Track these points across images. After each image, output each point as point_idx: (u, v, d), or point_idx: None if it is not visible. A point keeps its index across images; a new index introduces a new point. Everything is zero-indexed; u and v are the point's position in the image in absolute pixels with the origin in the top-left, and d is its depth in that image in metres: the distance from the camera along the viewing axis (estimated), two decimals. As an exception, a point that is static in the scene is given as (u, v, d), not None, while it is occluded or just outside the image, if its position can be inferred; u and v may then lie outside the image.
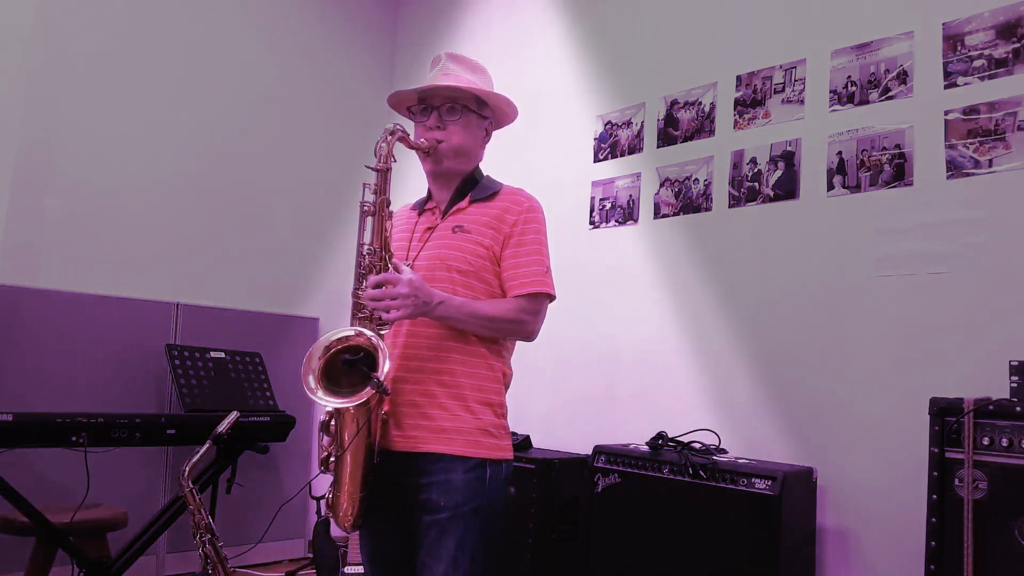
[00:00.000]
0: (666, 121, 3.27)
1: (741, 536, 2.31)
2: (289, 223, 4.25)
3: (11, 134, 3.37)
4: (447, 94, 1.72)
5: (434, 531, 1.57)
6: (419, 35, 4.66)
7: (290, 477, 4.06)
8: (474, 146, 1.77)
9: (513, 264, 1.67)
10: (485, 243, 1.67)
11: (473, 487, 1.58)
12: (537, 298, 1.67)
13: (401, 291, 1.51)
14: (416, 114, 1.77)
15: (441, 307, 1.57)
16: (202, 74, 3.94)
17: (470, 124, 1.74)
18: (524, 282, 1.65)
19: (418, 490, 1.59)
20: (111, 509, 2.84)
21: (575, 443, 3.20)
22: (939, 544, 1.91)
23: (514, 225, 1.69)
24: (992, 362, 2.16)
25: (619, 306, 3.34)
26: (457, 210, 1.73)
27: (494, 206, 1.71)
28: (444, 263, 1.66)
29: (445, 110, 1.72)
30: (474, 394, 1.63)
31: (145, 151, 3.73)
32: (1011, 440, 1.84)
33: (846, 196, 2.67)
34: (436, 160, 1.72)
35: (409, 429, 1.60)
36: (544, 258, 1.70)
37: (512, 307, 1.65)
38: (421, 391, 1.61)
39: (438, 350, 1.63)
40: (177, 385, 3.18)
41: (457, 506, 1.56)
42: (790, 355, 2.75)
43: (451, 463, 1.58)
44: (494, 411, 1.66)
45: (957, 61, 2.45)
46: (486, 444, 1.62)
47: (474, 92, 1.74)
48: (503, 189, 1.76)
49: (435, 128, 1.71)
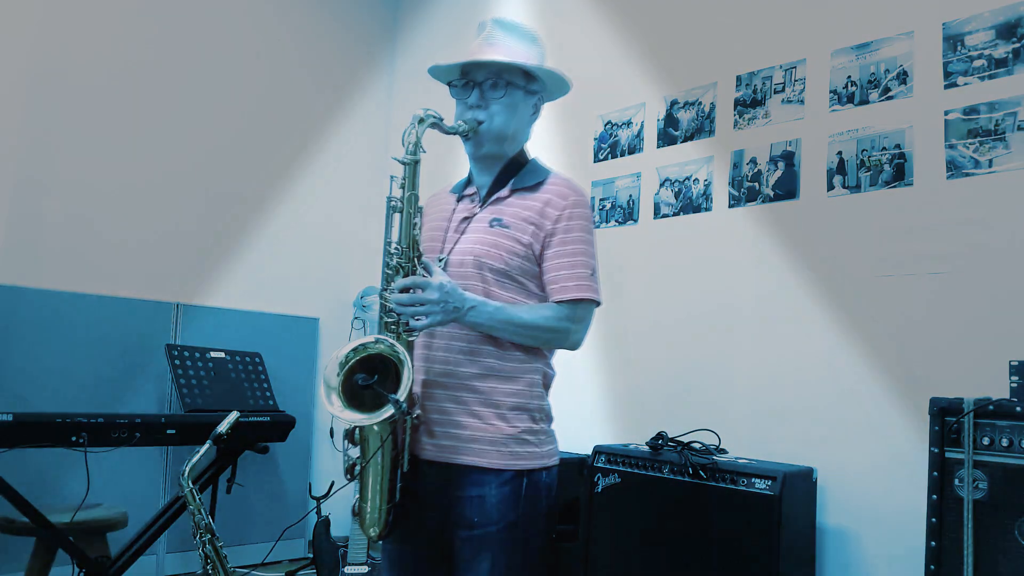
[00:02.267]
0: (666, 121, 3.27)
1: (741, 536, 2.31)
2: (289, 223, 4.25)
3: (11, 134, 3.37)
4: (491, 68, 1.56)
5: (469, 548, 1.48)
6: (420, 35, 4.66)
7: (290, 477, 4.06)
8: (519, 127, 1.61)
9: (556, 266, 1.54)
10: (524, 240, 1.53)
11: (507, 502, 1.48)
12: (581, 305, 1.54)
13: (431, 297, 1.40)
14: (458, 88, 1.61)
15: (473, 312, 1.46)
16: (202, 74, 3.94)
17: (516, 102, 1.58)
18: (567, 286, 1.52)
19: (452, 505, 1.50)
20: (111, 509, 2.84)
21: (575, 443, 3.20)
22: (939, 544, 1.91)
23: (557, 221, 1.54)
24: (992, 362, 2.16)
25: (619, 306, 3.34)
26: (497, 199, 1.59)
27: (538, 198, 1.56)
28: (477, 260, 1.52)
29: (488, 86, 1.56)
30: (509, 399, 1.52)
31: (145, 151, 3.73)
32: (1011, 440, 1.84)
33: (846, 196, 2.67)
34: (477, 143, 1.58)
35: (440, 438, 1.50)
36: (590, 259, 1.56)
37: (552, 315, 1.52)
38: (452, 397, 1.51)
39: (470, 353, 1.51)
40: (177, 385, 3.18)
41: (491, 523, 1.47)
42: (790, 355, 2.75)
43: (484, 476, 1.48)
44: (531, 416, 1.55)
45: (957, 61, 2.45)
46: (522, 454, 1.51)
47: (521, 66, 1.56)
48: (550, 178, 1.61)
49: (476, 107, 1.56)
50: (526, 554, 1.51)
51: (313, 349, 4.22)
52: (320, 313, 4.27)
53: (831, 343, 2.64)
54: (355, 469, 1.48)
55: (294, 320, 4.16)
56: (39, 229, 3.43)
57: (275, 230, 4.19)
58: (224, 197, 4.00)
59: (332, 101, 4.48)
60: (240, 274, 4.04)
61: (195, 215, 3.89)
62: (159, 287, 3.72)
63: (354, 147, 4.53)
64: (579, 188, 1.61)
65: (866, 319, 2.57)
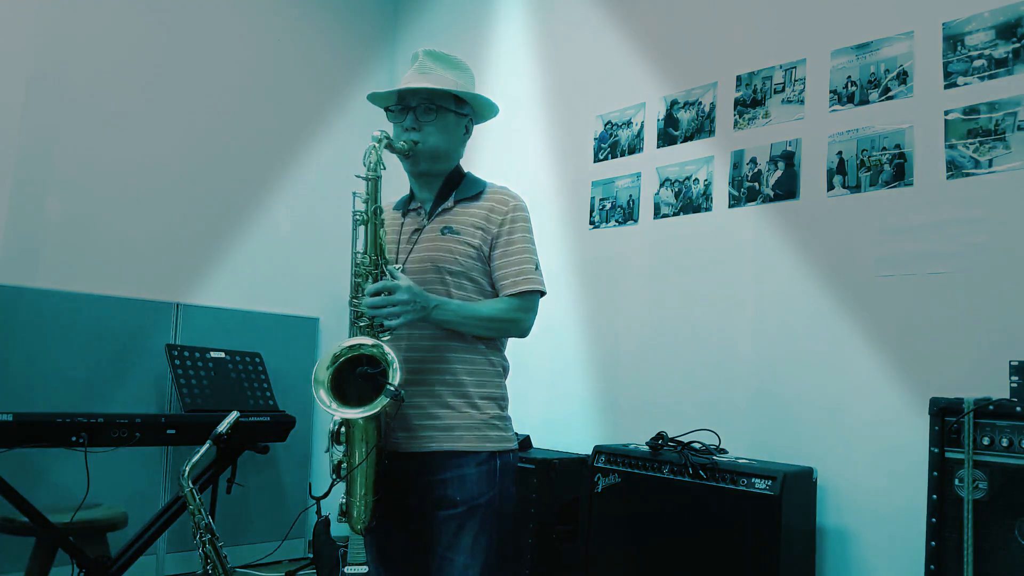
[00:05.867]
0: (666, 121, 3.27)
1: (741, 536, 2.31)
2: (289, 223, 4.25)
3: (11, 135, 3.37)
4: (423, 94, 1.71)
5: (452, 525, 1.61)
6: (421, 30, 4.66)
7: (290, 477, 4.06)
8: (452, 146, 1.77)
9: (504, 264, 1.71)
10: (474, 243, 1.70)
11: (485, 480, 1.64)
12: (529, 296, 1.71)
13: (401, 298, 1.54)
14: (395, 113, 1.76)
15: (438, 310, 1.60)
16: (202, 74, 3.94)
17: (447, 124, 1.73)
18: (515, 280, 1.69)
19: (432, 488, 1.63)
20: (111, 509, 2.84)
21: (575, 443, 3.21)
22: (939, 544, 1.91)
23: (501, 225, 1.72)
24: (992, 362, 2.16)
25: (619, 306, 3.34)
26: (444, 210, 1.74)
27: (481, 206, 1.74)
28: (435, 265, 1.68)
29: (422, 111, 1.71)
30: (477, 390, 1.67)
31: (145, 151, 3.73)
32: (1011, 440, 1.84)
33: (846, 196, 2.67)
34: (414, 161, 1.72)
35: (418, 430, 1.64)
36: (532, 255, 1.74)
37: (506, 306, 1.69)
38: (426, 392, 1.64)
39: (439, 350, 1.66)
40: (177, 385, 3.18)
41: (472, 499, 1.62)
42: (790, 355, 2.75)
43: (463, 459, 1.63)
44: (498, 404, 1.71)
45: (957, 61, 2.45)
46: (494, 437, 1.67)
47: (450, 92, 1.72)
48: (487, 187, 1.78)
49: (412, 129, 1.71)
50: (502, 527, 1.67)
51: (313, 349, 4.22)
52: (320, 313, 4.27)
53: (831, 343, 2.64)
54: (341, 468, 1.59)
55: (294, 320, 4.16)
56: (39, 229, 3.43)
57: (275, 230, 4.19)
58: (224, 197, 4.00)
59: (332, 100, 4.48)
60: (240, 274, 4.03)
61: (195, 215, 3.89)
62: (159, 287, 3.72)
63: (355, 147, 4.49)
64: (516, 194, 1.78)
65: (866, 319, 2.57)
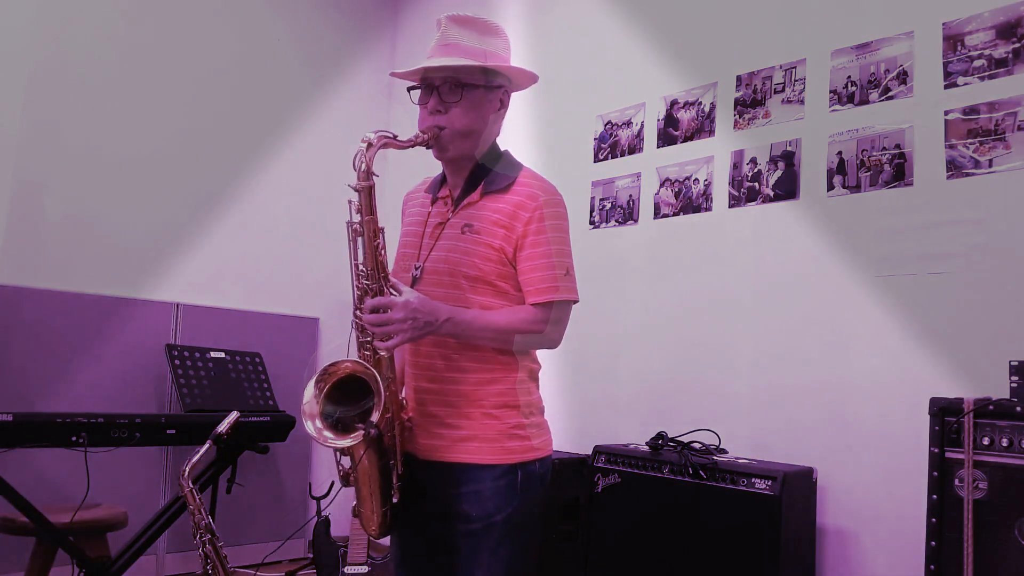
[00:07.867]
0: (666, 121, 3.27)
1: (741, 536, 2.31)
2: (289, 223, 4.25)
3: (11, 134, 3.37)
4: (446, 71, 1.53)
5: (470, 541, 1.53)
6: (421, 24, 4.65)
7: (290, 477, 4.06)
8: (482, 125, 1.58)
9: (529, 268, 1.53)
10: (495, 244, 1.53)
11: (503, 495, 1.52)
12: (556, 305, 1.55)
13: (396, 316, 1.42)
14: (419, 92, 1.59)
15: (448, 324, 1.47)
16: (203, 75, 3.94)
17: (476, 102, 1.55)
18: (540, 288, 1.53)
19: (450, 500, 1.55)
20: (111, 509, 2.84)
21: (575, 443, 3.20)
22: (939, 544, 1.91)
23: (528, 223, 1.52)
24: (992, 362, 2.16)
25: (619, 306, 3.34)
26: (468, 204, 1.58)
27: (508, 200, 1.55)
28: (451, 268, 1.55)
29: (446, 90, 1.53)
30: (495, 399, 1.55)
31: (145, 151, 3.73)
32: (1011, 440, 1.84)
33: (846, 196, 2.67)
34: (441, 148, 1.56)
35: (434, 439, 1.56)
36: (564, 258, 1.55)
37: (527, 317, 1.54)
38: (442, 401, 1.56)
39: (451, 359, 1.55)
40: (177, 385, 3.18)
41: (488, 516, 1.51)
42: (790, 355, 2.75)
43: (480, 472, 1.52)
44: (520, 412, 1.57)
45: (957, 61, 2.45)
46: (515, 448, 1.55)
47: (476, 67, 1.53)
48: (520, 177, 1.58)
49: (436, 112, 1.54)
50: (524, 543, 1.56)
51: (313, 349, 4.22)
52: (320, 313, 4.27)
53: (831, 343, 2.64)
54: (348, 478, 1.56)
55: (294, 320, 4.16)
56: (39, 229, 3.43)
57: (276, 230, 4.19)
58: (225, 197, 4.00)
59: (333, 100, 4.48)
60: (240, 274, 4.03)
61: (195, 215, 3.89)
62: (159, 287, 3.72)
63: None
64: (550, 187, 1.59)
65: (866, 319, 2.56)
